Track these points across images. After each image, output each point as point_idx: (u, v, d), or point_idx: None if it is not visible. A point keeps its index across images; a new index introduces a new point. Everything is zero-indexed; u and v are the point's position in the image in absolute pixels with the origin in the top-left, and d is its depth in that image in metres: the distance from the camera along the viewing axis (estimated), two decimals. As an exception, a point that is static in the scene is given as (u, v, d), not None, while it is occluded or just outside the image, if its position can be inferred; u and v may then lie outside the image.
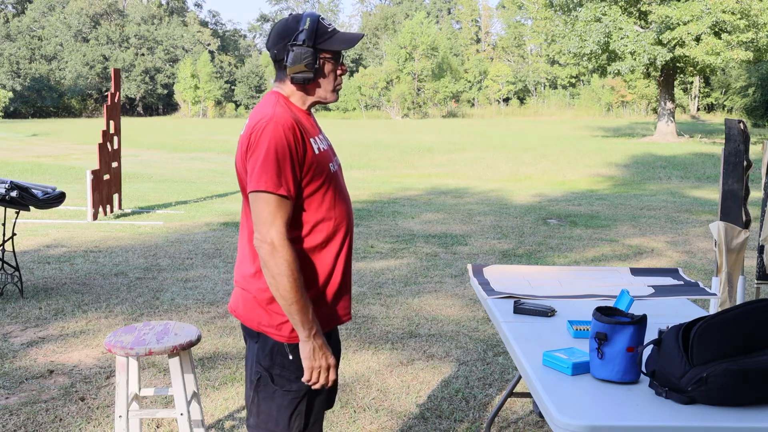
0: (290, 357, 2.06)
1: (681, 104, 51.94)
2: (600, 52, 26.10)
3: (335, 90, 2.11)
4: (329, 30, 2.05)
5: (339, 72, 2.10)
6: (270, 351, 2.07)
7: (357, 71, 63.94)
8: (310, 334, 1.98)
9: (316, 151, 2.03)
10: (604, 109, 58.42)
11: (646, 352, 1.96)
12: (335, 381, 2.26)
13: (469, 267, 3.13)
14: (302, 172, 1.99)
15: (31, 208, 5.63)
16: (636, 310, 2.39)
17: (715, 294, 3.01)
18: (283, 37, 2.04)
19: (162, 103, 70.20)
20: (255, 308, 2.08)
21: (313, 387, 2.05)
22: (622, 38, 25.34)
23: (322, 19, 2.06)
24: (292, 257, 1.94)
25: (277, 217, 1.93)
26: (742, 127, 3.36)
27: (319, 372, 2.02)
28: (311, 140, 2.03)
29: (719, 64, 24.75)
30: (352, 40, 2.07)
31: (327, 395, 2.21)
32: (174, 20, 74.70)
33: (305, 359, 2.00)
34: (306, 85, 2.06)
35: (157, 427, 3.38)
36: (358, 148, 23.08)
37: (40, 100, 62.14)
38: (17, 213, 5.73)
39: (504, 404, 3.34)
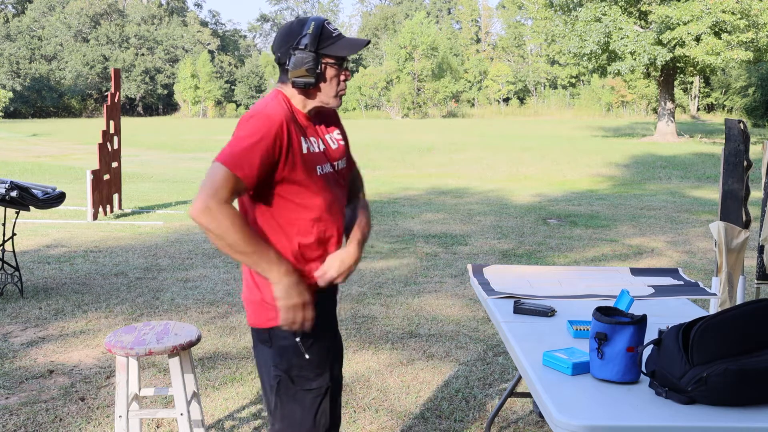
0: (306, 356, 2.06)
1: (681, 104, 51.92)
2: (600, 52, 26.10)
3: (337, 95, 2.09)
4: (334, 35, 2.04)
5: (342, 78, 2.08)
6: (286, 353, 2.06)
7: (357, 71, 63.92)
8: (280, 275, 1.95)
9: (305, 151, 2.02)
10: (604, 109, 58.38)
11: (646, 352, 1.96)
12: (339, 375, 2.26)
13: (469, 267, 3.13)
14: (277, 166, 1.97)
15: (31, 208, 5.63)
16: (636, 310, 2.39)
17: (715, 294, 3.01)
18: (287, 40, 2.03)
19: (162, 103, 70.16)
20: (251, 306, 2.10)
21: (291, 327, 2.02)
22: (622, 38, 25.33)
23: (328, 23, 2.05)
24: (234, 212, 1.91)
25: (224, 189, 1.90)
26: (742, 127, 3.36)
27: (296, 309, 1.99)
28: (303, 139, 2.02)
29: (719, 64, 24.74)
30: (356, 45, 2.05)
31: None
32: (174, 20, 74.68)
33: (279, 300, 1.97)
34: (307, 90, 2.05)
35: (157, 427, 3.38)
36: (358, 148, 23.03)
37: (40, 100, 62.10)
38: (17, 213, 5.73)
39: (504, 404, 3.34)
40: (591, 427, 1.59)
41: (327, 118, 2.20)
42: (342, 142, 2.23)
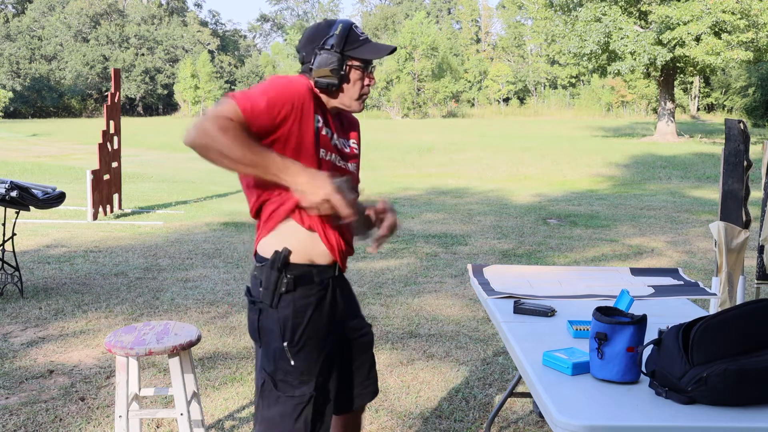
0: (292, 363, 2.04)
1: (681, 104, 51.90)
2: (600, 52, 26.10)
3: (360, 98, 2.08)
4: (360, 38, 2.04)
5: (366, 82, 2.07)
6: (273, 356, 2.05)
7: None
8: (296, 175, 1.86)
9: (317, 125, 2.00)
10: (604, 109, 58.36)
11: (646, 352, 1.96)
12: (350, 382, 2.26)
13: (469, 267, 3.13)
14: (281, 125, 1.94)
15: (31, 208, 5.63)
16: (636, 310, 2.39)
17: (715, 294, 3.01)
18: (313, 40, 2.04)
19: (162, 103, 70.12)
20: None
21: (344, 217, 1.89)
22: (622, 38, 25.34)
23: (355, 27, 2.05)
24: (232, 125, 1.81)
25: (224, 118, 1.83)
26: (742, 127, 3.36)
27: (326, 202, 1.87)
28: (317, 116, 2.01)
29: (719, 64, 24.74)
30: (381, 50, 2.05)
31: (335, 399, 2.18)
32: (174, 20, 74.66)
33: (305, 202, 1.88)
34: (329, 90, 2.05)
35: (157, 427, 3.38)
36: (358, 148, 23.02)
37: (40, 100, 62.07)
38: (17, 213, 5.73)
39: (504, 404, 3.34)
40: (591, 427, 1.59)
41: (349, 124, 2.21)
42: (356, 150, 2.22)
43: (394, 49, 2.06)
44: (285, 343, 2.03)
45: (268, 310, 2.04)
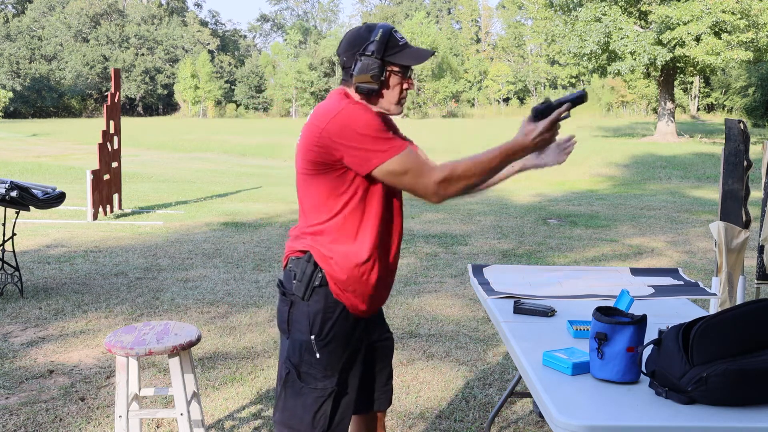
0: (317, 356, 2.08)
1: (681, 104, 51.90)
2: (600, 52, 26.10)
3: (399, 103, 2.12)
4: (400, 44, 2.06)
5: (405, 86, 2.10)
6: (299, 348, 2.10)
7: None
8: (522, 146, 2.02)
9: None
10: (604, 109, 58.36)
11: (646, 352, 1.96)
12: (371, 383, 2.30)
13: (469, 267, 3.13)
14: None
15: (31, 208, 5.63)
16: (636, 310, 2.39)
17: (715, 294, 3.01)
18: (354, 45, 2.06)
19: (162, 103, 70.14)
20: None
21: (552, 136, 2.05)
22: (622, 38, 25.34)
23: (395, 32, 2.07)
24: (450, 163, 1.99)
25: (422, 164, 1.99)
26: (742, 127, 3.36)
27: (545, 140, 2.05)
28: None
29: (719, 64, 24.74)
30: (421, 56, 2.08)
31: (357, 397, 2.22)
32: (174, 20, 74.67)
33: (534, 148, 2.04)
34: (369, 96, 2.08)
35: (157, 427, 3.38)
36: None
37: (40, 100, 62.09)
38: (17, 213, 5.73)
39: (504, 404, 3.34)
40: (591, 427, 1.59)
41: (392, 124, 2.24)
42: None
43: (433, 53, 2.09)
44: (312, 337, 2.08)
45: (300, 302, 2.09)
